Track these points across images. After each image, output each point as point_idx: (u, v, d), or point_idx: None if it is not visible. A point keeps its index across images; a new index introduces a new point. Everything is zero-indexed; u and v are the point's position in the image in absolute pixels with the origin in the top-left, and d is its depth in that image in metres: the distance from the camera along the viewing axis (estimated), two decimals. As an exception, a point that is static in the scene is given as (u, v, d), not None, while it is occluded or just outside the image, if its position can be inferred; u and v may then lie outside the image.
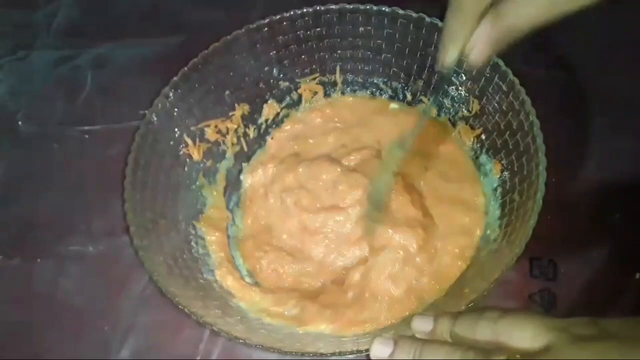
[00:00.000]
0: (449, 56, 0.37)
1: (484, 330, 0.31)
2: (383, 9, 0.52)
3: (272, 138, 0.59)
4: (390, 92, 0.58)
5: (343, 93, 0.59)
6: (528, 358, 0.28)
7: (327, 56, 0.56)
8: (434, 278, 0.48)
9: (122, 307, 0.51)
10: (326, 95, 0.59)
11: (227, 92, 0.54)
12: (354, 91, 0.59)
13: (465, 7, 0.35)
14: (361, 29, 0.54)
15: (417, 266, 0.48)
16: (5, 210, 0.58)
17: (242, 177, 0.57)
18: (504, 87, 0.48)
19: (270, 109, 0.58)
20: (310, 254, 0.51)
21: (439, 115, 0.55)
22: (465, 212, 0.51)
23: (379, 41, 0.54)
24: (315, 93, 0.59)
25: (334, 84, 0.58)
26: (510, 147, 0.48)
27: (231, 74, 0.54)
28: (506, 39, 0.36)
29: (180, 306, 0.41)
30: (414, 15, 0.51)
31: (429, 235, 0.49)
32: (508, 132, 0.48)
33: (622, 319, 0.29)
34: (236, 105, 0.55)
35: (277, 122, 0.59)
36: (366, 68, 0.57)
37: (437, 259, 0.49)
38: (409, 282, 0.48)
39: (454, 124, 0.54)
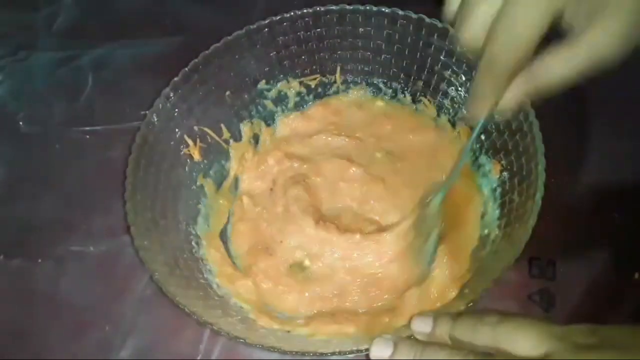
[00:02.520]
0: (478, 113, 0.36)
1: (484, 336, 0.31)
2: (383, 9, 0.52)
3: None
4: (390, 92, 0.58)
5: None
6: None
7: (327, 57, 0.56)
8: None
9: (123, 307, 0.51)
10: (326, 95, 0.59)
11: (227, 93, 0.55)
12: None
13: (496, 69, 0.33)
14: (361, 29, 0.54)
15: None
16: (6, 211, 0.58)
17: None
18: (504, 88, 0.48)
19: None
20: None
21: (438, 116, 0.56)
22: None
23: (378, 42, 0.54)
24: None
25: (334, 84, 0.58)
26: (510, 147, 0.48)
27: (232, 74, 0.54)
28: (536, 96, 0.35)
29: (180, 306, 0.41)
30: (414, 16, 0.51)
31: None
32: (507, 133, 0.48)
33: (622, 327, 0.29)
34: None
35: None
36: (366, 69, 0.57)
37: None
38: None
39: (453, 125, 0.54)
